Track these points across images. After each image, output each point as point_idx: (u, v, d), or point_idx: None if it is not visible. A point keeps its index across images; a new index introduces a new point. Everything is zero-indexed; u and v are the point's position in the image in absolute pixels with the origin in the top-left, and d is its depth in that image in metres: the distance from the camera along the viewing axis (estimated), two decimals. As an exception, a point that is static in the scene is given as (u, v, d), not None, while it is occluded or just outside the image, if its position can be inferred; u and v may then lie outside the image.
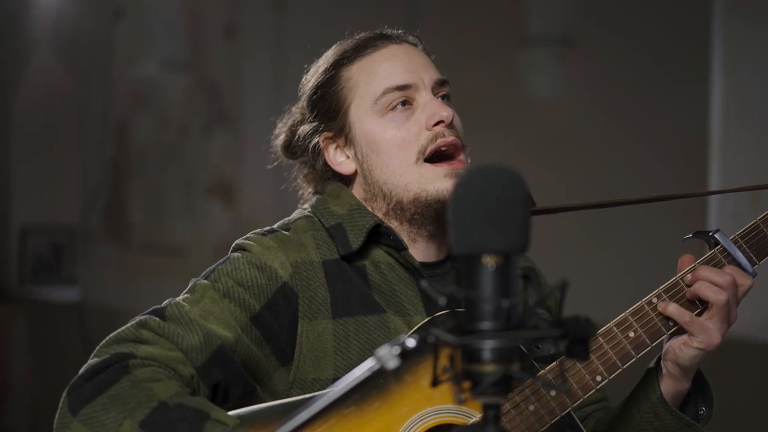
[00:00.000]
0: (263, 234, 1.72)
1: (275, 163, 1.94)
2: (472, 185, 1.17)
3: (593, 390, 1.62)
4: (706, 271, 1.64)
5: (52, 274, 5.10)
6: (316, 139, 1.78)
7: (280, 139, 1.88)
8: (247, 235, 1.74)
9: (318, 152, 1.78)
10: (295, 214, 1.79)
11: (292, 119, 1.87)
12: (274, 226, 1.76)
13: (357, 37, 1.81)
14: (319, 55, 1.86)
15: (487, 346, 1.15)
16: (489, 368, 1.16)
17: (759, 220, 1.68)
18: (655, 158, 3.90)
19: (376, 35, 1.79)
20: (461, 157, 1.74)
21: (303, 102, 1.84)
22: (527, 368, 1.60)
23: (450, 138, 1.71)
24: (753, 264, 1.67)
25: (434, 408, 1.59)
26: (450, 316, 1.66)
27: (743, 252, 1.66)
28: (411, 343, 1.18)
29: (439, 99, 1.75)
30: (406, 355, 1.18)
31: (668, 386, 1.68)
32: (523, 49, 4.25)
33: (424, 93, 1.73)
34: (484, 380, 1.15)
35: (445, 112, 1.71)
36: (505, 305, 1.16)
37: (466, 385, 1.18)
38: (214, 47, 4.52)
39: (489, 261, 1.17)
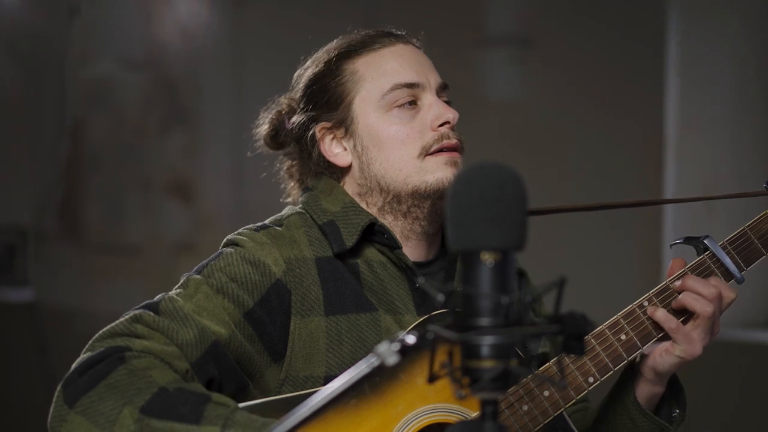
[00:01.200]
0: (256, 230, 1.73)
1: (256, 152, 1.92)
2: (471, 183, 1.19)
3: (586, 391, 1.65)
4: (693, 282, 1.66)
5: (5, 276, 5.04)
6: (312, 129, 1.78)
7: (263, 129, 1.88)
8: (239, 230, 1.75)
9: (313, 142, 1.78)
10: (287, 211, 1.80)
11: (277, 109, 1.86)
12: (266, 221, 1.77)
13: (362, 32, 1.82)
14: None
15: (487, 342, 1.17)
16: (488, 364, 1.18)
17: (747, 227, 1.72)
18: (610, 158, 3.94)
19: (383, 32, 1.81)
20: (460, 155, 1.77)
21: (297, 92, 1.83)
22: (524, 366, 1.63)
23: (454, 141, 1.74)
24: (741, 270, 1.70)
25: (429, 407, 1.61)
26: (446, 315, 1.69)
27: (731, 258, 1.69)
28: (411, 339, 1.19)
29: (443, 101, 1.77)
30: (405, 351, 1.20)
31: (643, 390, 1.72)
32: (481, 50, 4.28)
33: (429, 94, 1.75)
34: (484, 376, 1.17)
35: (451, 114, 1.74)
36: (504, 301, 1.17)
37: (465, 381, 1.19)
38: (171, 46, 4.49)
39: (488, 258, 1.18)
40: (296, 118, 1.81)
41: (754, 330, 3.74)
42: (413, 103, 1.75)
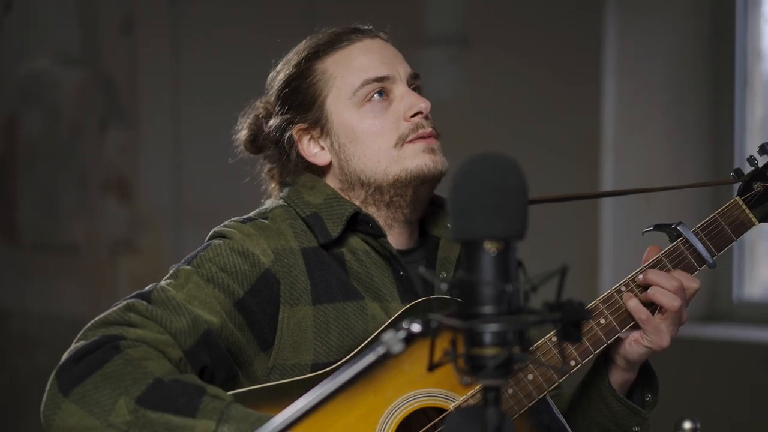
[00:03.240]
0: (242, 222, 1.76)
1: (238, 158, 1.94)
2: (474, 173, 1.22)
3: (568, 374, 1.69)
4: (656, 276, 1.71)
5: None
6: (289, 131, 1.80)
7: (242, 134, 1.90)
8: (225, 222, 1.77)
9: (291, 144, 1.81)
10: (270, 204, 1.82)
11: (254, 113, 1.89)
12: (251, 214, 1.80)
13: (329, 31, 1.85)
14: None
15: (491, 329, 1.19)
16: (491, 351, 1.20)
17: (717, 214, 1.78)
18: (548, 157, 3.99)
19: (349, 30, 1.84)
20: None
21: (271, 96, 1.86)
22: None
23: (429, 129, 1.78)
24: (713, 255, 1.76)
25: (417, 392, 1.65)
26: (430, 302, 1.72)
27: (704, 244, 1.75)
28: (416, 327, 1.21)
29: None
30: (411, 339, 1.21)
31: (616, 376, 1.78)
32: (420, 49, 4.31)
33: (400, 85, 1.79)
34: (488, 363, 1.19)
35: (423, 104, 1.77)
36: (509, 289, 1.19)
37: (462, 367, 1.21)
38: (109, 41, 4.44)
39: (490, 247, 1.21)
40: (273, 122, 1.83)
41: (691, 325, 3.83)
42: (384, 95, 1.77)
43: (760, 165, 1.80)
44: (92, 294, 4.34)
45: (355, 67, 1.79)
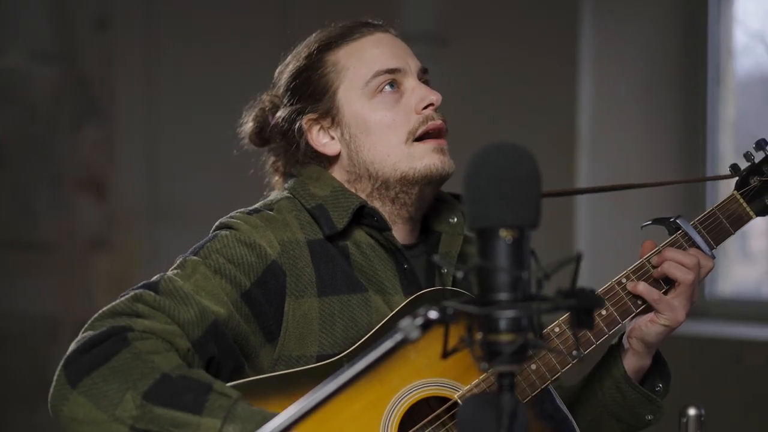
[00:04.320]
0: (248, 213, 1.76)
1: (243, 149, 1.94)
2: (490, 162, 1.24)
3: (570, 365, 1.71)
4: (673, 253, 1.76)
5: None
6: (299, 121, 1.81)
7: (248, 126, 1.91)
8: (231, 214, 1.77)
9: (301, 134, 1.81)
10: (275, 195, 1.83)
11: (260, 106, 1.89)
12: (257, 205, 1.80)
13: (340, 24, 1.86)
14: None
15: (507, 315, 1.20)
16: (507, 338, 1.21)
17: (715, 207, 1.82)
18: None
19: (361, 23, 1.85)
20: (443, 140, 1.82)
21: (280, 88, 1.87)
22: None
23: (438, 121, 1.80)
24: (711, 248, 1.79)
25: (423, 381, 1.66)
26: (438, 292, 1.73)
27: (702, 237, 1.79)
28: (433, 314, 1.22)
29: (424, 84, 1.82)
30: (428, 326, 1.22)
31: (631, 363, 1.80)
32: (396, 47, 4.31)
33: (411, 78, 1.80)
34: (505, 350, 1.20)
35: (434, 96, 1.79)
36: (525, 276, 1.21)
37: (477, 354, 1.23)
38: (84, 38, 4.42)
39: (506, 235, 1.22)
40: (281, 113, 1.84)
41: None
42: (396, 87, 1.79)
43: (757, 160, 1.83)
44: (67, 292, 4.31)
45: (366, 59, 1.81)
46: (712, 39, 4.19)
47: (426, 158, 1.78)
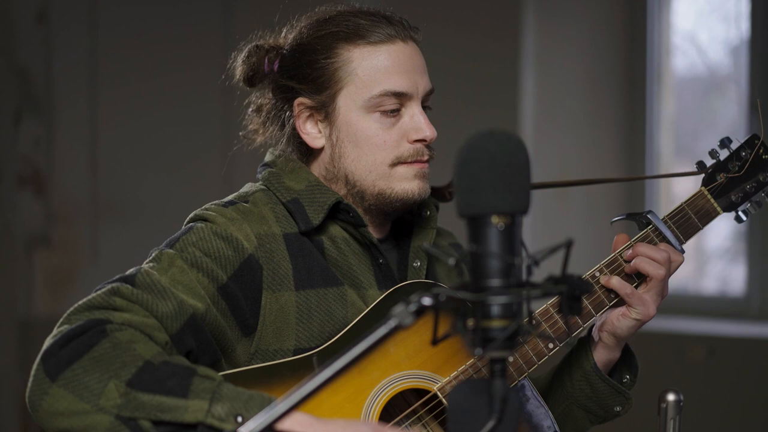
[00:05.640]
0: (224, 205, 1.73)
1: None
2: (483, 149, 1.24)
3: (546, 357, 1.72)
4: (645, 248, 1.78)
5: None
6: (292, 100, 1.77)
7: (239, 67, 1.83)
8: (206, 206, 1.74)
9: (290, 116, 1.78)
10: (250, 188, 1.80)
11: (259, 43, 1.81)
12: (231, 197, 1.77)
13: (362, 10, 1.78)
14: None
15: (500, 301, 1.21)
16: (499, 323, 1.22)
17: (684, 203, 1.85)
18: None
19: (388, 20, 1.78)
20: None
21: (286, 41, 1.80)
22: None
23: (425, 157, 1.77)
24: (681, 243, 1.82)
25: (402, 373, 1.66)
26: (416, 285, 1.74)
27: (672, 232, 1.82)
28: (427, 301, 1.23)
29: (425, 113, 1.79)
30: (421, 312, 1.23)
31: (600, 356, 1.82)
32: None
33: (414, 105, 1.76)
34: (497, 335, 1.21)
35: (429, 132, 1.76)
36: (518, 262, 1.22)
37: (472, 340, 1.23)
38: (22, 32, 4.35)
39: (498, 221, 1.23)
40: (279, 75, 1.77)
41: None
42: (397, 111, 1.75)
43: (722, 158, 1.87)
44: (7, 289, 4.23)
45: (379, 71, 1.74)
46: (651, 39, 4.26)
47: (405, 182, 1.76)
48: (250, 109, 1.86)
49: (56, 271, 4.37)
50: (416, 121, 1.77)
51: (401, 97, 1.76)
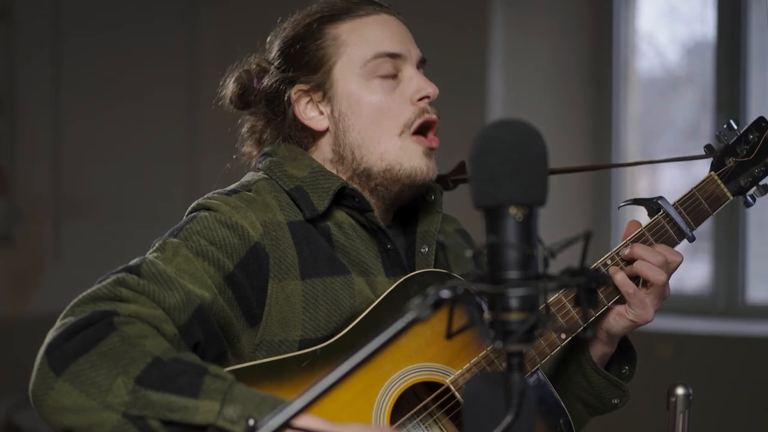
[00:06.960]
0: (227, 194, 1.69)
1: (219, 103, 1.85)
2: (500, 139, 1.22)
3: (558, 347, 1.70)
4: (641, 250, 1.74)
5: None
6: (288, 91, 1.75)
7: (230, 88, 1.81)
8: (208, 195, 1.70)
9: (289, 104, 1.75)
10: (251, 177, 1.76)
11: (246, 68, 1.81)
12: (234, 186, 1.73)
13: None
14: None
15: (518, 293, 1.20)
16: (517, 316, 1.20)
17: (694, 188, 1.82)
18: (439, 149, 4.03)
19: (365, 1, 1.79)
20: (435, 135, 1.78)
21: (271, 53, 1.79)
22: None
23: (433, 116, 1.75)
24: (692, 229, 1.80)
25: (414, 366, 1.63)
26: (427, 274, 1.71)
27: (683, 218, 1.79)
28: (445, 293, 1.21)
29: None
30: (439, 305, 1.21)
31: (595, 350, 1.80)
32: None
33: (410, 66, 1.76)
34: (515, 328, 1.19)
35: (431, 89, 1.75)
36: (537, 254, 1.20)
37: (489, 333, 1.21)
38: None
39: (516, 212, 1.21)
40: (270, 79, 1.77)
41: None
42: (394, 76, 1.75)
43: (730, 142, 1.84)
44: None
45: (369, 39, 1.75)
46: (618, 36, 4.28)
47: (414, 160, 1.74)
48: (244, 129, 1.84)
49: (18, 269, 4.31)
50: (416, 81, 1.76)
51: (395, 59, 1.75)
